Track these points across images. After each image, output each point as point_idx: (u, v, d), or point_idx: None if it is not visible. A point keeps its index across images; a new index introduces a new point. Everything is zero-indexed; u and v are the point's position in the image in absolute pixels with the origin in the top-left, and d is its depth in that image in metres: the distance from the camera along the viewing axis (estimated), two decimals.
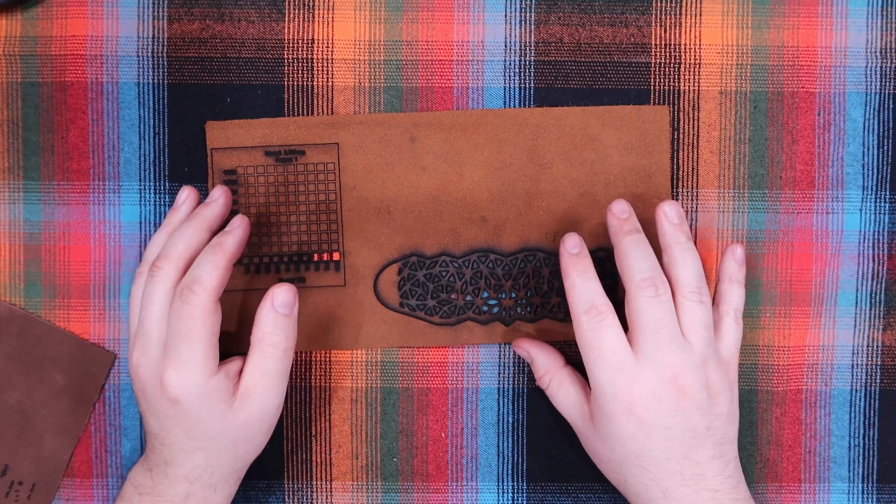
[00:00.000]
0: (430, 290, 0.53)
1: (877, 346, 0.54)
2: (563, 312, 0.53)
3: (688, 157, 0.53)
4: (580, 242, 0.49)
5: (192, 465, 0.48)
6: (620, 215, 0.49)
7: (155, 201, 0.53)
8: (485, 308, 0.53)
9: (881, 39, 0.53)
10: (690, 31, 0.53)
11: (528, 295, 0.53)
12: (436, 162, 0.53)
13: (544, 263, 0.53)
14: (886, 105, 0.53)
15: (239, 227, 0.49)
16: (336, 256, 0.53)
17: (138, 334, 0.48)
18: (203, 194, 0.53)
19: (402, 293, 0.53)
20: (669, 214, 0.49)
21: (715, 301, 0.52)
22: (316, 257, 0.53)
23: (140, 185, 0.53)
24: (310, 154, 0.53)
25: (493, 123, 0.53)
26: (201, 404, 0.47)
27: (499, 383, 0.54)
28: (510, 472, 0.55)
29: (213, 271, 0.47)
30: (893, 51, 0.53)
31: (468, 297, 0.53)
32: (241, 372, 0.48)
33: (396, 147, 0.53)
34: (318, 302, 0.53)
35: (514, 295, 0.53)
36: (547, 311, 0.53)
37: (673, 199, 0.53)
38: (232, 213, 0.52)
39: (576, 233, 0.49)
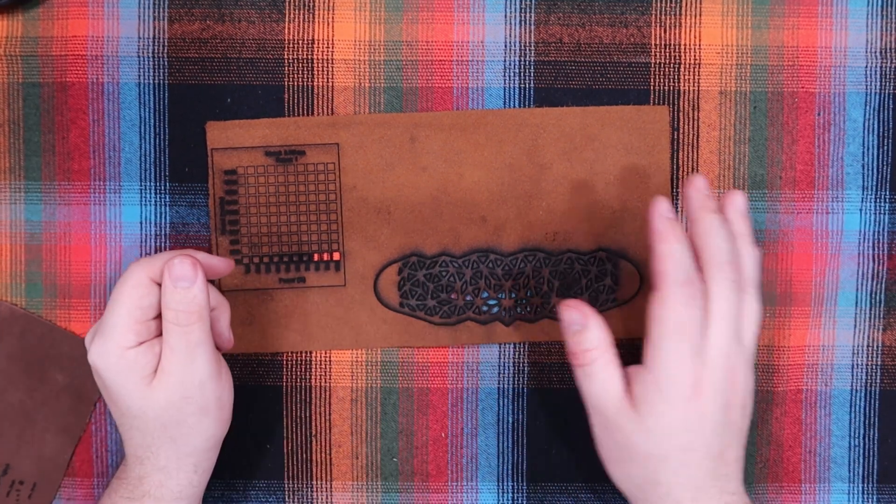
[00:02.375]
0: (430, 290, 0.53)
1: (877, 346, 0.54)
2: None
3: (688, 157, 0.53)
4: (672, 208, 0.46)
5: (134, 444, 0.48)
6: (704, 190, 0.46)
7: (155, 201, 0.53)
8: (485, 308, 0.53)
9: (881, 39, 0.53)
10: (690, 31, 0.53)
11: (528, 295, 0.53)
12: (436, 162, 0.53)
13: (544, 263, 0.53)
14: (886, 105, 0.53)
15: (222, 258, 0.49)
16: (336, 256, 0.53)
17: None
18: (203, 194, 0.53)
19: (402, 293, 0.53)
20: (739, 205, 0.47)
21: None
22: (316, 257, 0.53)
23: (141, 186, 0.53)
24: (310, 154, 0.53)
25: (493, 123, 0.53)
26: (118, 376, 0.46)
27: (499, 383, 0.54)
28: (510, 472, 0.55)
29: (161, 255, 0.47)
30: (893, 51, 0.53)
31: (468, 297, 0.53)
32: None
33: (396, 147, 0.53)
34: (319, 302, 0.53)
35: (514, 295, 0.53)
36: (547, 312, 0.53)
37: (672, 199, 0.53)
38: (232, 214, 0.52)
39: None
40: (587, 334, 0.46)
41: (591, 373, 0.46)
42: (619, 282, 0.53)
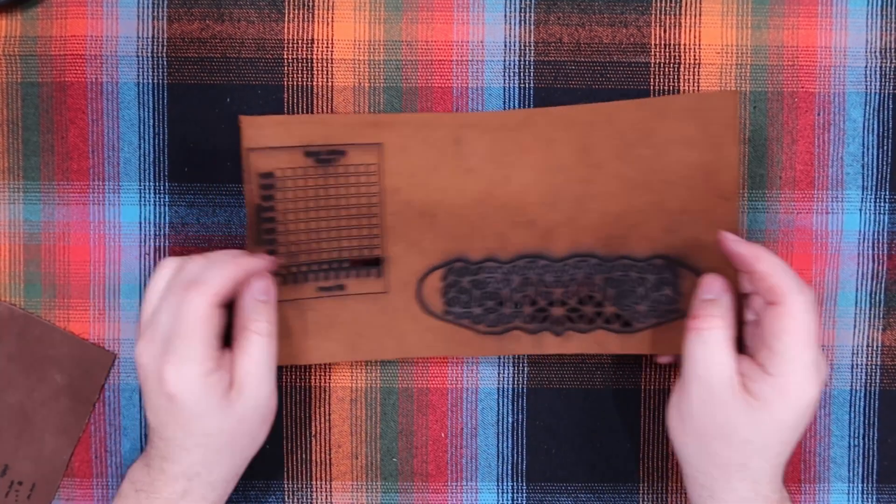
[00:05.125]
0: (476, 297, 0.52)
1: (877, 346, 0.54)
2: (619, 323, 0.52)
3: None
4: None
5: (190, 462, 0.47)
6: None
7: (155, 201, 0.53)
8: (533, 317, 0.52)
9: (881, 39, 0.53)
10: (690, 31, 0.53)
11: (580, 303, 0.52)
12: (482, 164, 0.51)
13: (597, 270, 0.51)
14: (886, 105, 0.53)
15: (266, 260, 0.49)
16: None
17: (149, 324, 0.47)
18: (202, 193, 0.53)
19: (446, 300, 0.52)
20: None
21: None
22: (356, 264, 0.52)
23: (140, 186, 0.53)
24: (351, 155, 0.51)
25: (541, 123, 0.51)
26: (198, 402, 0.46)
27: (498, 383, 0.54)
28: (510, 472, 0.55)
29: (221, 276, 0.46)
30: (893, 51, 0.53)
31: (516, 305, 0.52)
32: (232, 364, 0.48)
33: (441, 148, 0.51)
34: (360, 310, 0.52)
35: (564, 303, 0.52)
36: (602, 322, 0.52)
37: (740, 199, 0.53)
38: (268, 222, 0.51)
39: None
40: (717, 304, 0.47)
41: (707, 338, 0.47)
42: (680, 291, 0.51)
